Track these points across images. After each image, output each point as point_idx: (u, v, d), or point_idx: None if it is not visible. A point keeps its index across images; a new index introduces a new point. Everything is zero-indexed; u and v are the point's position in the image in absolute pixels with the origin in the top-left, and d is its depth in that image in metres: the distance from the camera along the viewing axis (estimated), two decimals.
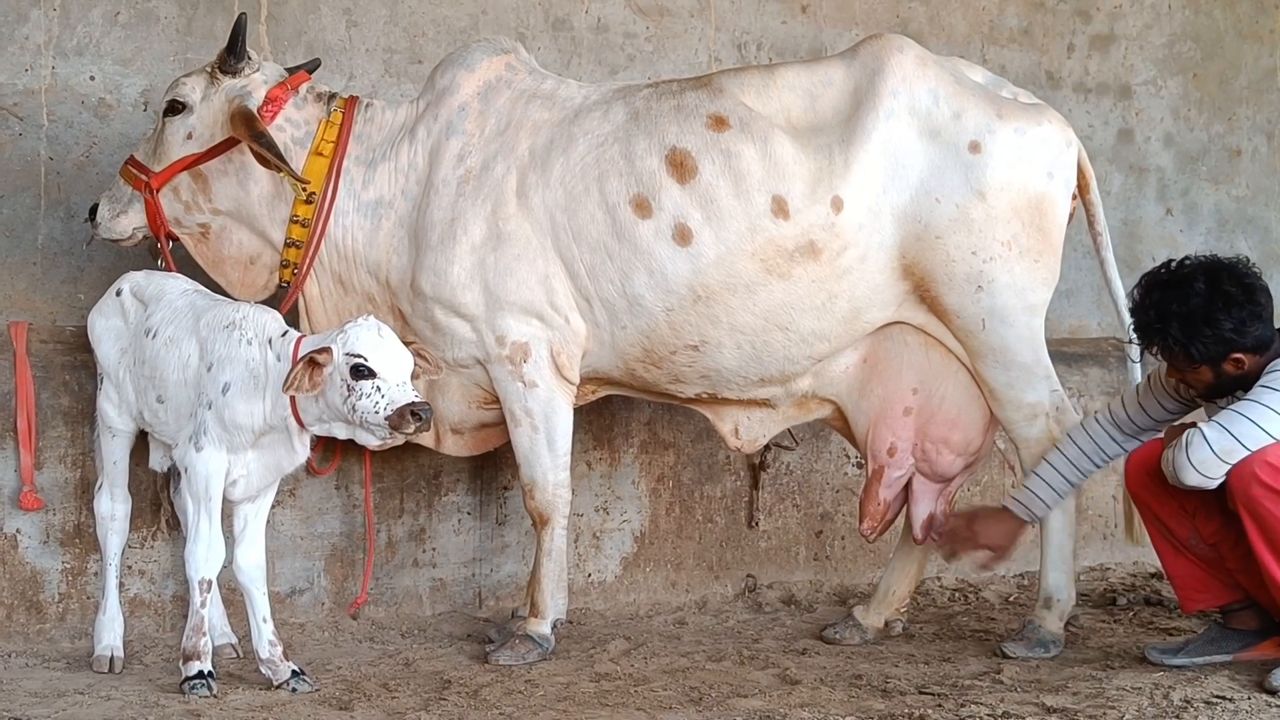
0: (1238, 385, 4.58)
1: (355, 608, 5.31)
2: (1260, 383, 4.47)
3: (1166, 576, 5.05)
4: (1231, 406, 4.51)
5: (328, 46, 5.63)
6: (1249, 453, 4.40)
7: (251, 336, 4.44)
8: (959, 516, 5.08)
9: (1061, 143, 4.96)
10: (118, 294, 4.79)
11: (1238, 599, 4.77)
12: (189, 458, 4.42)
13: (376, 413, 4.25)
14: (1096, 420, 4.98)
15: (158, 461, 4.89)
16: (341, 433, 4.41)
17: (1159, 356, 4.64)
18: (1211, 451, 4.42)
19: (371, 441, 4.41)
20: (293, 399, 4.36)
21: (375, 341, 4.30)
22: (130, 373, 4.67)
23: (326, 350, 4.27)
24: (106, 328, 4.76)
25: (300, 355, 4.32)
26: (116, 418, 4.73)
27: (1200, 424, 4.51)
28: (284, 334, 4.45)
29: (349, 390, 4.26)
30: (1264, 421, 4.41)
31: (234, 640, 4.87)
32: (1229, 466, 4.42)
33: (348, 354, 4.26)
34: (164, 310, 4.64)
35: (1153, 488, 4.74)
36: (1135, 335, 4.67)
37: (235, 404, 4.38)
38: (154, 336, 4.59)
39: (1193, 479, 4.47)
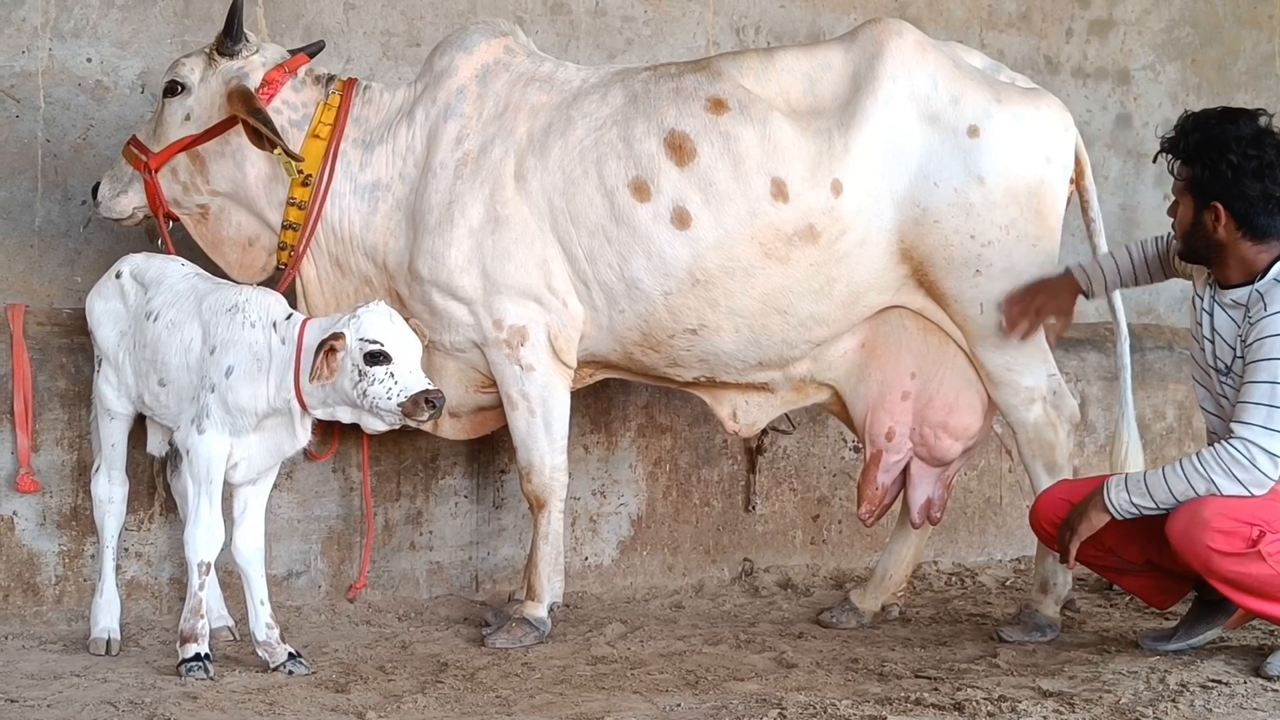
0: (1209, 252, 4.44)
1: (354, 593, 5.31)
2: (1261, 356, 4.29)
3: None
4: (1246, 400, 4.31)
5: (325, 29, 5.62)
6: None
7: (255, 319, 4.43)
8: (1019, 290, 4.86)
9: (1060, 127, 4.96)
10: (117, 276, 4.78)
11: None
12: (191, 440, 4.41)
13: (389, 399, 4.24)
14: (1158, 239, 4.88)
15: (156, 445, 4.89)
16: (346, 417, 4.40)
17: (1171, 168, 4.51)
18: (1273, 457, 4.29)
19: (378, 426, 4.39)
20: (296, 382, 4.35)
21: (388, 327, 4.30)
22: (130, 356, 4.66)
23: (340, 336, 4.25)
24: (106, 310, 4.75)
25: (307, 339, 4.31)
26: (115, 400, 4.72)
27: (1239, 440, 4.30)
28: (288, 317, 4.45)
29: (360, 375, 4.25)
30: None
31: (230, 623, 4.87)
32: None
33: (362, 339, 4.25)
34: (165, 294, 4.63)
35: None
36: (1164, 139, 4.53)
37: (238, 387, 4.37)
38: (155, 320, 4.58)
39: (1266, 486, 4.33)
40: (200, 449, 4.41)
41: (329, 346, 4.24)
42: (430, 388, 4.27)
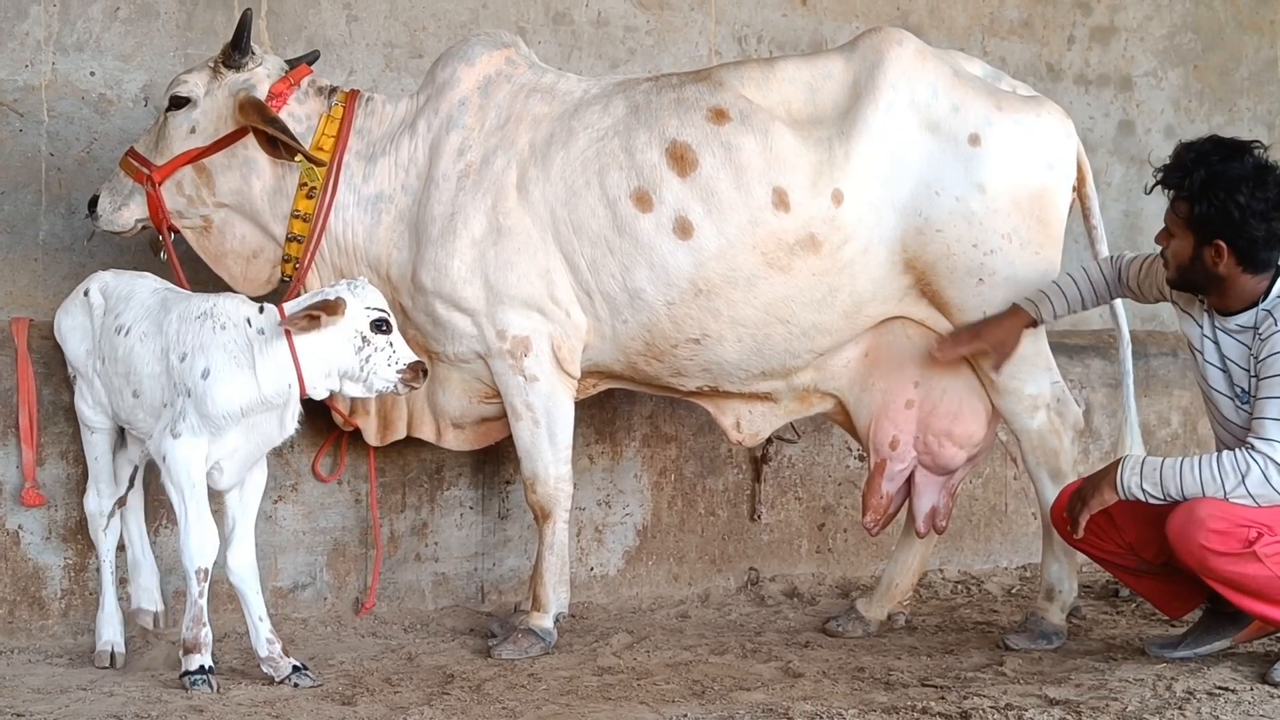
0: (1206, 284, 4.45)
1: (365, 612, 5.30)
2: (1276, 371, 4.32)
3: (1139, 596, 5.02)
4: (1262, 415, 4.31)
5: (328, 41, 5.63)
6: None
7: (225, 322, 4.43)
8: (963, 327, 4.92)
9: (1061, 134, 4.97)
10: (85, 294, 4.77)
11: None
12: (165, 445, 4.40)
13: (390, 366, 4.36)
14: (1112, 258, 4.91)
15: (136, 457, 4.85)
16: (352, 390, 4.45)
17: (1170, 202, 4.47)
18: None
19: (358, 394, 4.46)
20: (299, 370, 4.36)
21: (382, 299, 4.44)
22: (99, 371, 4.66)
23: (336, 302, 4.31)
24: (71, 326, 4.74)
25: (310, 305, 4.34)
26: (92, 415, 4.72)
27: (1258, 454, 4.29)
28: (261, 310, 4.47)
29: (364, 343, 4.35)
30: None
31: (158, 610, 4.85)
32: None
33: (369, 307, 4.36)
34: (135, 308, 4.61)
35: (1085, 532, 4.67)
36: (1161, 170, 4.50)
37: (216, 388, 4.36)
38: (126, 334, 4.57)
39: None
40: (177, 454, 4.39)
41: (321, 305, 4.30)
42: (417, 357, 4.43)
